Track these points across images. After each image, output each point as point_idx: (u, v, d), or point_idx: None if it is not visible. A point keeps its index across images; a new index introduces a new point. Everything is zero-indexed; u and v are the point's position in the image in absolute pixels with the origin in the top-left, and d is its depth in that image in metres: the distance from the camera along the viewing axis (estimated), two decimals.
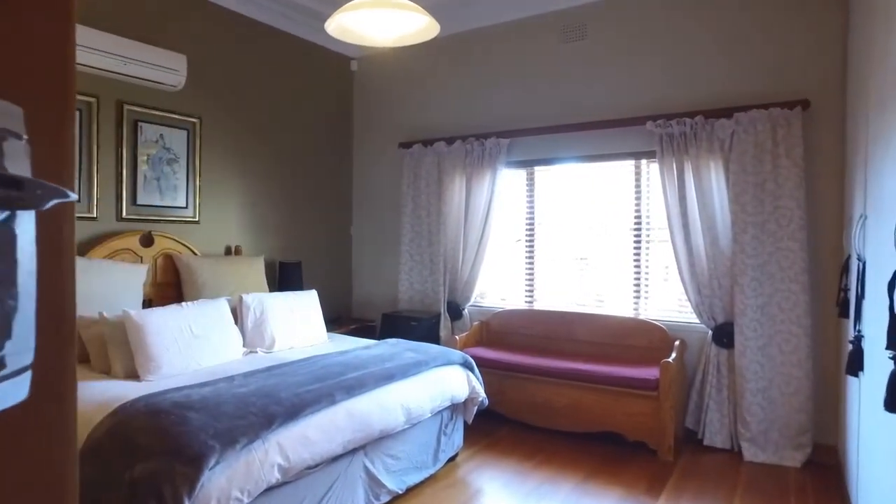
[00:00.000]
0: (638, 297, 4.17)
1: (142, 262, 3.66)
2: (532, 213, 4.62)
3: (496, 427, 4.02)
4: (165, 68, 3.69)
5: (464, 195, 4.69)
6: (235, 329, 3.34)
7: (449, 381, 3.26)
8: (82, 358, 3.02)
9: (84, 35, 3.30)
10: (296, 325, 3.66)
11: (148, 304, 3.68)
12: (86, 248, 3.44)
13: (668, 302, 4.10)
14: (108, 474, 1.99)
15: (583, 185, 4.43)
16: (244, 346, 3.39)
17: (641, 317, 4.11)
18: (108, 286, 3.24)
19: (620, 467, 3.40)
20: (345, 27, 2.62)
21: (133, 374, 2.79)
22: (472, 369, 3.49)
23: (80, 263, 3.18)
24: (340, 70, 5.38)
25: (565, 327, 4.30)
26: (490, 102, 4.68)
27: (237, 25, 4.38)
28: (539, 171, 4.58)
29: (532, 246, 4.63)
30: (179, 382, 2.65)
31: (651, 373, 3.57)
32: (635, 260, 4.17)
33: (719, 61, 3.75)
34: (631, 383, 3.57)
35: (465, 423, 3.55)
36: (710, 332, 3.72)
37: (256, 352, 3.40)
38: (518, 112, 4.53)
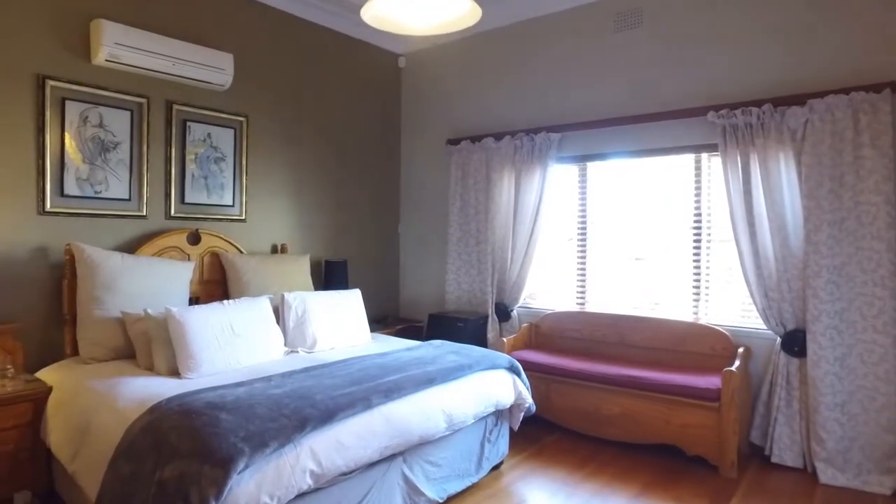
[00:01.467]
0: (698, 301, 3.89)
1: (189, 259, 3.69)
2: (584, 210, 4.41)
3: (543, 434, 3.84)
4: (213, 68, 3.71)
5: (513, 192, 4.53)
6: (277, 328, 3.30)
7: (494, 385, 3.11)
8: (129, 353, 3.05)
9: (135, 37, 3.35)
10: (338, 324, 3.60)
11: (195, 301, 3.71)
12: (135, 245, 3.50)
13: (731, 306, 3.80)
14: (140, 471, 1.96)
15: (638, 181, 4.19)
16: (285, 345, 3.36)
17: (701, 321, 3.83)
18: (155, 283, 3.27)
19: (678, 482, 3.16)
20: (382, 16, 2.52)
21: (175, 372, 2.79)
22: (518, 374, 3.33)
23: (128, 261, 3.23)
24: (388, 67, 5.31)
25: (618, 331, 4.07)
26: (540, 96, 4.50)
27: (284, 24, 4.38)
28: (592, 166, 4.36)
29: (584, 245, 4.41)
30: (218, 381, 2.62)
31: (712, 382, 3.30)
32: (695, 260, 3.90)
33: (790, 43, 3.44)
34: (690, 392, 3.32)
35: (511, 429, 3.40)
36: (778, 340, 3.41)
37: (297, 351, 3.36)
38: (569, 105, 4.33)
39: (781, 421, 3.36)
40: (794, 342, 3.33)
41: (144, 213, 3.58)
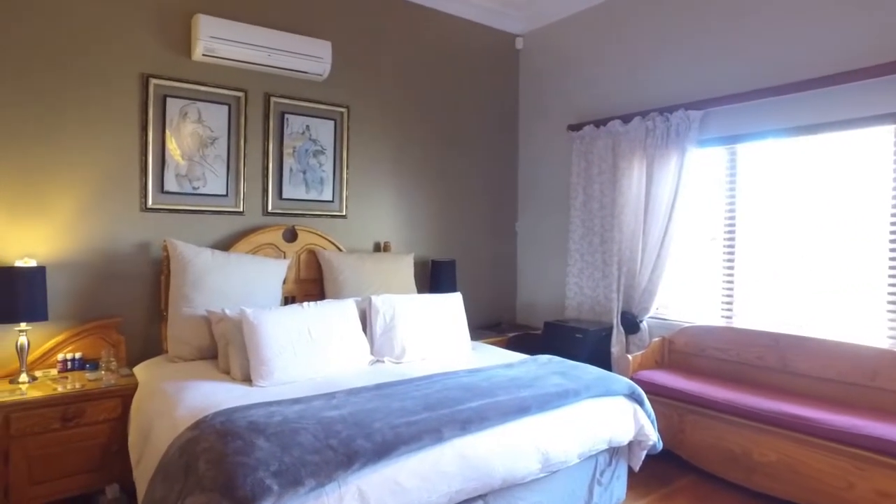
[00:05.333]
0: None
1: (284, 257, 3.56)
2: (733, 203, 3.60)
3: (674, 475, 3.16)
4: (310, 56, 3.53)
5: (643, 183, 3.85)
6: (361, 335, 3.02)
7: (607, 417, 2.54)
8: (214, 354, 2.95)
9: (229, 29, 3.26)
10: (432, 332, 3.23)
11: (290, 301, 3.57)
12: (230, 242, 3.43)
13: None
14: (168, 498, 1.73)
15: (805, 165, 3.30)
16: (371, 353, 3.06)
17: None
18: (245, 282, 3.15)
19: None
20: None
21: (249, 378, 2.61)
22: (641, 403, 2.72)
23: (218, 258, 3.14)
24: (504, 49, 4.85)
25: (779, 354, 3.23)
26: (676, 67, 3.76)
27: (385, 7, 4.11)
28: (743, 149, 3.53)
29: (732, 245, 3.60)
30: (285, 393, 2.38)
31: None
32: (892, 267, 2.95)
33: None
34: (891, 449, 2.45)
35: (630, 469, 2.79)
36: None
37: (383, 361, 3.04)
38: (713, 75, 3.55)
39: None
40: None
41: (241, 209, 3.50)
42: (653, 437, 2.69)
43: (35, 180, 2.91)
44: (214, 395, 2.34)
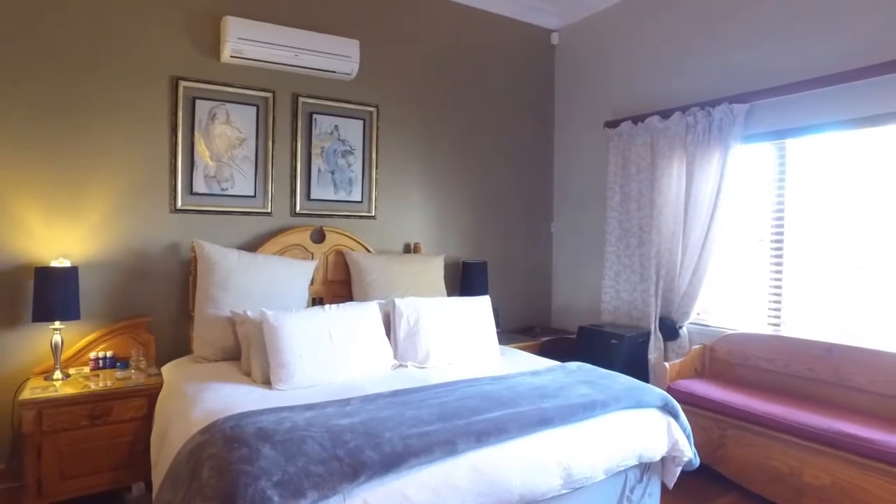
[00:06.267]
0: None
1: (312, 258, 3.54)
2: (782, 202, 3.36)
3: (713, 493, 2.97)
4: (337, 55, 3.49)
5: (683, 182, 3.65)
6: (384, 339, 2.95)
7: (637, 430, 2.39)
8: (238, 355, 2.94)
9: (256, 30, 3.26)
10: (457, 337, 3.14)
11: (318, 302, 3.56)
12: (258, 243, 3.43)
13: None
14: (171, 503, 1.71)
15: (865, 159, 3.04)
16: (395, 358, 2.99)
17: None
18: (271, 283, 3.14)
19: None
20: None
21: (268, 380, 2.58)
22: (675, 416, 2.55)
23: (244, 258, 3.14)
24: (539, 44, 4.72)
25: (833, 366, 2.99)
26: (719, 57, 3.54)
27: (414, 4, 4.05)
28: (793, 144, 3.30)
29: (780, 248, 3.37)
30: (301, 397, 2.34)
31: None
32: None
33: None
34: None
35: (664, 485, 2.63)
36: None
37: (406, 366, 2.97)
38: (760, 64, 3.32)
39: None
40: None
41: (269, 210, 3.50)
42: (688, 452, 2.52)
43: (70, 183, 2.97)
44: (232, 397, 2.32)
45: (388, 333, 3.03)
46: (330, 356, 2.67)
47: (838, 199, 3.15)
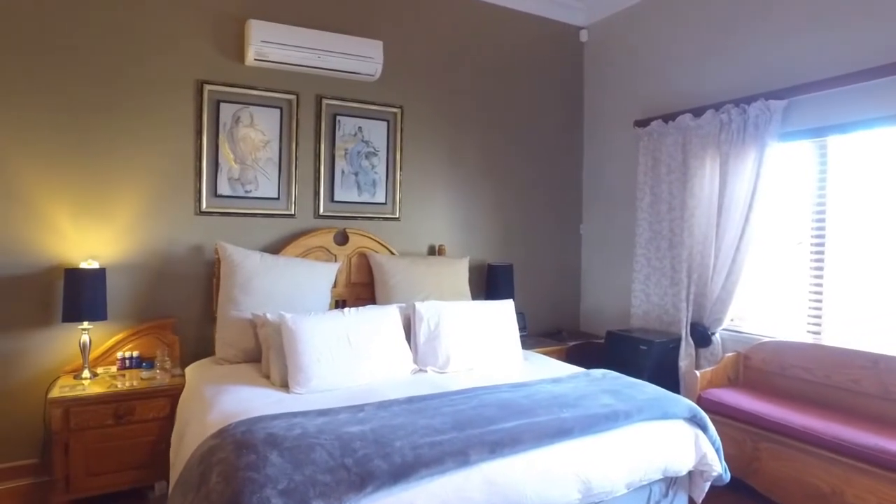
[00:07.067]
0: None
1: (335, 260, 3.54)
2: (823, 203, 3.19)
3: None
4: (360, 56, 3.48)
5: (716, 182, 3.51)
6: (404, 343, 2.92)
7: (662, 443, 2.29)
8: (259, 358, 2.95)
9: (279, 32, 3.27)
10: (479, 341, 3.08)
11: (341, 304, 3.55)
12: (281, 245, 3.44)
13: None
14: None
15: None
16: (414, 362, 2.95)
17: None
18: (292, 285, 3.14)
19: None
20: None
21: (287, 384, 2.57)
22: (704, 428, 2.44)
23: (266, 261, 3.15)
24: (567, 42, 4.61)
25: (879, 378, 2.82)
26: (752, 52, 3.39)
27: (438, 2, 4.00)
28: (835, 142, 3.12)
29: (821, 251, 3.20)
30: (323, 400, 2.33)
31: None
32: None
33: None
34: None
35: (692, 501, 2.51)
36: None
37: (426, 371, 2.93)
38: (797, 59, 3.16)
39: None
40: None
41: (293, 212, 3.51)
42: (717, 467, 2.40)
43: (98, 186, 3.04)
44: (248, 401, 2.32)
45: (408, 337, 2.99)
46: (348, 360, 2.65)
47: (885, 200, 2.96)
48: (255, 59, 3.27)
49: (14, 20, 2.84)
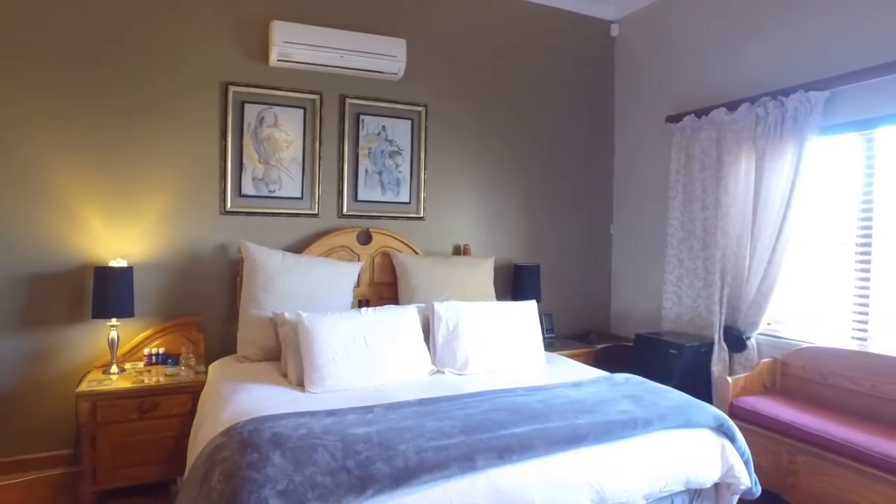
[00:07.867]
0: None
1: (358, 259, 3.53)
2: (870, 201, 2.99)
3: None
4: (383, 55, 3.46)
5: (752, 179, 3.35)
6: (422, 343, 2.88)
7: (684, 453, 2.18)
8: (278, 356, 2.96)
9: (302, 33, 3.28)
10: (500, 343, 3.01)
11: (364, 304, 3.54)
12: (305, 244, 3.46)
13: None
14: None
15: None
16: (433, 363, 2.91)
17: None
18: (314, 284, 3.15)
19: None
20: None
21: (303, 383, 2.57)
22: (731, 438, 2.31)
23: (288, 260, 3.17)
24: (598, 37, 4.49)
25: None
26: (790, 41, 3.21)
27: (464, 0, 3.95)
28: (884, 133, 2.92)
29: (868, 252, 3.00)
30: (338, 400, 2.33)
31: None
32: None
33: None
34: None
35: None
36: None
37: (444, 373, 2.88)
38: (839, 47, 2.97)
39: None
40: None
41: (316, 212, 3.53)
42: (745, 480, 2.27)
43: (127, 187, 3.12)
44: (261, 399, 2.33)
45: (427, 338, 2.96)
46: (364, 360, 2.63)
47: None
48: (279, 60, 3.29)
49: (53, 28, 2.94)
